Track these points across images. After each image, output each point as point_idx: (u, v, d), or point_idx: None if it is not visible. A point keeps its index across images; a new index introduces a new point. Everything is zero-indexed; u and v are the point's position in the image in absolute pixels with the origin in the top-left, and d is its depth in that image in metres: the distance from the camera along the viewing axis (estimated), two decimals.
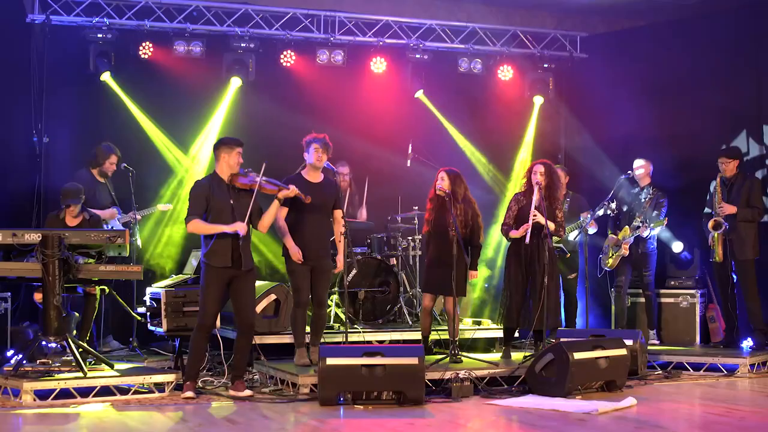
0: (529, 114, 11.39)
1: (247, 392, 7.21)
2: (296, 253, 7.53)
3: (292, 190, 7.26)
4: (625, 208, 9.63)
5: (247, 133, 8.78)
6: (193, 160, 10.21)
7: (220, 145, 7.21)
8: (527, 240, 8.01)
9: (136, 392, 7.13)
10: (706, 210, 9.29)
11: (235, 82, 10.22)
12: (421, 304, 8.44)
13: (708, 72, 10.11)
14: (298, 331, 7.75)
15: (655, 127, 10.34)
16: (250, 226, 7.18)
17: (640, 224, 9.35)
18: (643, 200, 9.49)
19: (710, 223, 9.09)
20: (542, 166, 8.28)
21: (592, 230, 9.62)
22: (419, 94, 10.88)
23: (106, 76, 9.76)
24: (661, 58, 10.48)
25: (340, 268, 7.88)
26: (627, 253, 9.45)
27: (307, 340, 7.83)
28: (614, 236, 9.57)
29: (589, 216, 9.43)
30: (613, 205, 9.35)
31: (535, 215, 8.02)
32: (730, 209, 9.00)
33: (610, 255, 9.58)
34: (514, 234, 8.14)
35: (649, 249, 9.51)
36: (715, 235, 9.06)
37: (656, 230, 9.46)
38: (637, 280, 9.69)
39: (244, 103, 10.30)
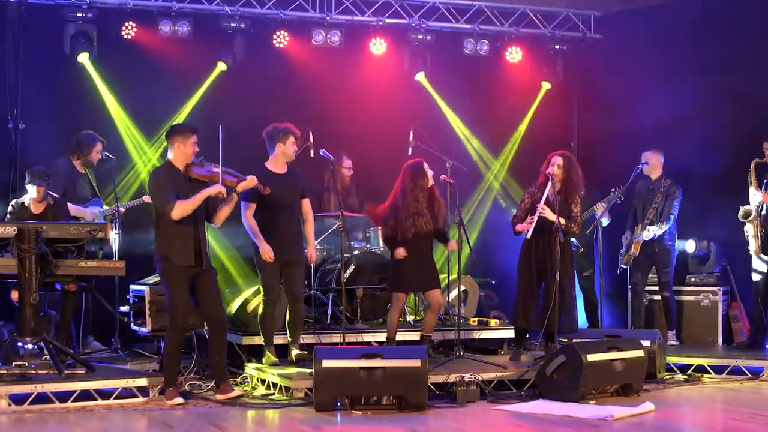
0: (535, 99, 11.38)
1: (236, 392, 7.22)
2: (268, 252, 7.60)
3: (251, 180, 7.23)
4: (639, 203, 9.55)
5: (235, 119, 8.74)
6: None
7: (174, 133, 7.16)
8: (529, 234, 7.97)
9: (118, 396, 7.09)
10: None
11: (220, 67, 10.21)
12: (395, 306, 8.23)
13: (736, 54, 9.93)
14: (267, 331, 7.83)
15: (675, 114, 10.21)
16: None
17: (652, 221, 9.28)
18: (655, 194, 9.41)
19: (740, 212, 9.02)
20: (561, 158, 8.18)
21: (605, 221, 9.59)
22: (420, 77, 10.83)
23: (83, 58, 9.73)
24: (683, 39, 10.34)
25: (312, 259, 8.00)
26: (637, 252, 9.36)
27: (289, 339, 7.91)
28: (631, 233, 9.51)
29: (604, 207, 9.38)
30: (619, 192, 9.28)
31: (543, 209, 7.97)
32: (763, 198, 8.89)
33: (627, 252, 9.54)
34: (520, 228, 8.11)
35: (667, 245, 9.41)
36: (750, 224, 8.94)
37: (663, 228, 9.31)
38: (654, 278, 9.64)
39: (233, 87, 10.25)
